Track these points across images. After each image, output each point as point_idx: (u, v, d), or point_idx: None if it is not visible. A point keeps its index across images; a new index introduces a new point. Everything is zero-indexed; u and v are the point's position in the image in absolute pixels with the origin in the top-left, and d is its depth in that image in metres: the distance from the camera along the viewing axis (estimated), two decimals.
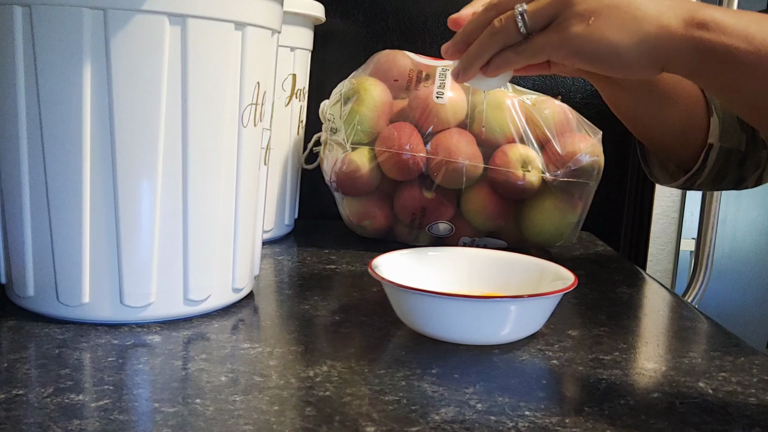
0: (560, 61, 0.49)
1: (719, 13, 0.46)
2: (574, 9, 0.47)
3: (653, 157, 0.78)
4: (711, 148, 0.69)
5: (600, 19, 0.46)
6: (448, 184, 0.81)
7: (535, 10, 0.48)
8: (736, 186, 0.73)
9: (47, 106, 0.51)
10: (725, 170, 0.71)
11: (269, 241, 0.87)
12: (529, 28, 0.48)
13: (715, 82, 0.49)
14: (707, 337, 0.59)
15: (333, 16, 1.01)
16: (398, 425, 0.40)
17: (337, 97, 0.85)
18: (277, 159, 0.86)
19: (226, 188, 0.57)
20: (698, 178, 0.72)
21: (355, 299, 0.65)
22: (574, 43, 0.47)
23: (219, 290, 0.59)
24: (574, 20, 0.47)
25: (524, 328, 0.54)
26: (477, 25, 0.52)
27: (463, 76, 0.53)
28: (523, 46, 0.49)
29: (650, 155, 0.78)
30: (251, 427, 0.39)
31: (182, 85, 0.52)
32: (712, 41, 0.46)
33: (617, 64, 0.48)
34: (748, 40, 0.45)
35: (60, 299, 0.54)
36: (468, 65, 0.52)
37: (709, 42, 0.46)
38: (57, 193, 0.52)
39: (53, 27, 0.50)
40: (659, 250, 1.10)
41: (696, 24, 0.46)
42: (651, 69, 0.48)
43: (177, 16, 0.51)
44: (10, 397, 0.42)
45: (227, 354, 0.50)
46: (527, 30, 0.49)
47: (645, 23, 0.46)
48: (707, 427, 0.41)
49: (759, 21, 0.46)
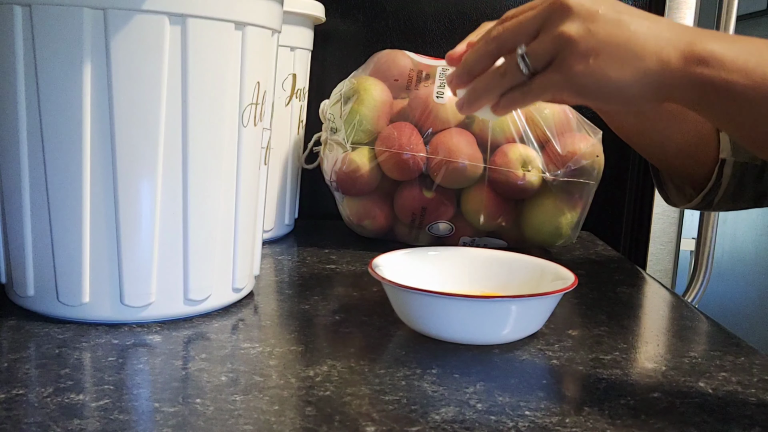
0: (565, 99, 0.50)
1: (718, 44, 0.46)
2: (575, 48, 0.47)
3: (668, 181, 0.77)
4: (724, 163, 0.69)
5: (601, 57, 0.47)
6: (448, 184, 0.81)
7: (535, 51, 0.48)
8: (757, 203, 0.71)
9: (47, 106, 0.51)
10: (743, 185, 0.70)
11: (269, 241, 0.87)
12: (531, 69, 0.49)
13: (715, 113, 0.49)
14: (707, 337, 0.59)
15: (333, 16, 1.01)
16: (398, 425, 0.40)
17: (337, 97, 0.85)
18: (277, 159, 0.86)
19: (226, 188, 0.57)
20: (715, 196, 0.71)
21: (355, 299, 0.65)
22: (577, 82, 0.48)
23: (219, 290, 0.59)
24: (575, 59, 0.47)
25: (524, 327, 0.54)
26: (478, 58, 0.52)
27: (467, 110, 0.54)
28: (528, 86, 0.50)
29: (665, 179, 0.77)
30: (251, 426, 0.39)
31: (182, 85, 0.52)
32: (711, 77, 0.46)
33: (620, 99, 0.48)
34: (747, 75, 0.46)
35: (60, 299, 0.54)
36: (474, 101, 0.53)
37: (709, 77, 0.46)
38: (57, 193, 0.52)
39: (53, 27, 0.50)
40: (659, 250, 1.10)
41: (695, 59, 0.46)
42: (652, 101, 0.49)
43: (177, 16, 0.51)
44: (11, 396, 0.42)
45: (227, 354, 0.50)
46: (530, 71, 0.49)
47: (646, 59, 0.47)
48: (707, 427, 0.41)
49: (759, 53, 0.46)
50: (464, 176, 0.81)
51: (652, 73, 0.47)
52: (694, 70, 0.46)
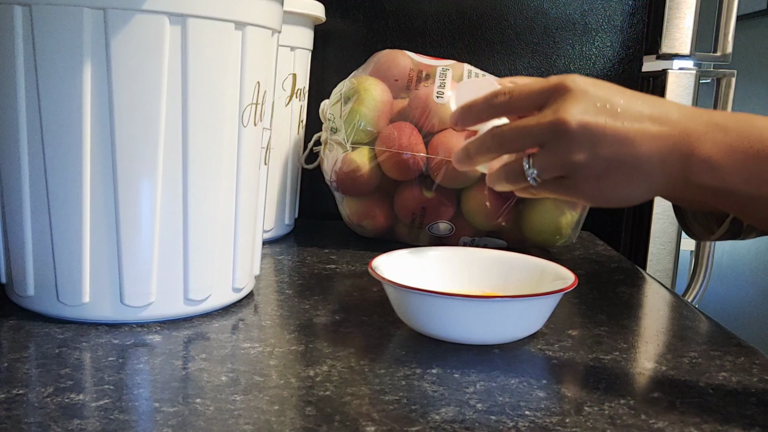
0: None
1: (717, 148, 0.47)
2: (582, 173, 0.48)
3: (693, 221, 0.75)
4: None
5: (608, 179, 0.48)
6: (448, 183, 0.81)
7: (543, 169, 0.50)
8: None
9: (47, 106, 0.51)
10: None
11: (269, 241, 0.87)
12: (539, 182, 0.51)
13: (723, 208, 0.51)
14: (707, 337, 0.59)
15: (333, 16, 1.01)
16: (398, 425, 0.40)
17: (337, 97, 0.85)
18: (277, 159, 0.86)
19: (226, 188, 0.57)
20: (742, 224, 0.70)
21: (355, 299, 0.65)
22: (585, 196, 0.50)
23: (219, 290, 0.59)
24: (583, 182, 0.49)
25: (524, 327, 0.54)
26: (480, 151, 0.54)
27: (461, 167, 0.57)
28: (536, 189, 0.52)
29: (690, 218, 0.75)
30: (251, 426, 0.39)
31: (182, 85, 0.52)
32: (714, 185, 0.47)
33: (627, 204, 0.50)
34: (748, 181, 0.46)
35: (60, 299, 0.54)
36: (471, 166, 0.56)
37: (711, 186, 0.47)
38: (57, 193, 0.52)
39: (53, 27, 0.50)
40: (659, 250, 1.10)
41: (697, 170, 0.47)
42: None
43: (177, 15, 0.51)
44: (11, 396, 0.42)
45: (227, 354, 0.50)
46: (538, 183, 0.51)
47: (652, 178, 0.48)
48: (707, 427, 0.41)
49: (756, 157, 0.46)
50: (464, 176, 0.81)
51: (660, 187, 0.48)
52: (696, 181, 0.47)
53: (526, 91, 0.51)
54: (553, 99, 0.49)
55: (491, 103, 0.52)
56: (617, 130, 0.47)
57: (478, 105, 0.53)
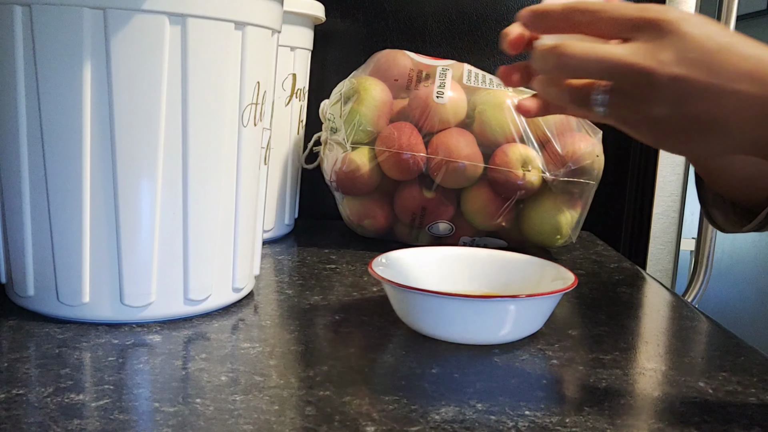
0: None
1: None
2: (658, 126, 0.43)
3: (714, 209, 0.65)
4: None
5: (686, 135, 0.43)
6: (448, 183, 0.81)
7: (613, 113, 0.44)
8: None
9: (47, 106, 0.51)
10: None
11: (269, 241, 0.87)
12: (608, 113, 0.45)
13: None
14: (707, 337, 0.59)
15: (333, 16, 1.01)
16: (398, 425, 0.40)
17: (337, 97, 0.85)
18: (277, 159, 0.86)
19: (226, 188, 0.57)
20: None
21: (355, 299, 0.65)
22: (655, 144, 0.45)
23: (219, 290, 0.59)
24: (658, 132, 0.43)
25: (524, 327, 0.54)
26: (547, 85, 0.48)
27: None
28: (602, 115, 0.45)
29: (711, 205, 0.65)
30: (251, 426, 0.39)
31: (182, 85, 0.52)
32: None
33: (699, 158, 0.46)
34: None
35: (60, 299, 0.54)
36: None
37: None
38: (57, 193, 0.52)
39: (53, 27, 0.50)
40: (659, 250, 1.10)
41: None
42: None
43: (177, 15, 0.51)
44: (11, 396, 0.42)
45: (227, 354, 0.50)
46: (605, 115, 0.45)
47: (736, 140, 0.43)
48: (707, 427, 0.41)
49: None
50: (464, 176, 0.81)
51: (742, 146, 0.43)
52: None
53: (615, 16, 0.44)
54: (645, 36, 0.42)
55: (570, 16, 0.46)
56: (710, 88, 0.41)
57: (555, 13, 0.46)
